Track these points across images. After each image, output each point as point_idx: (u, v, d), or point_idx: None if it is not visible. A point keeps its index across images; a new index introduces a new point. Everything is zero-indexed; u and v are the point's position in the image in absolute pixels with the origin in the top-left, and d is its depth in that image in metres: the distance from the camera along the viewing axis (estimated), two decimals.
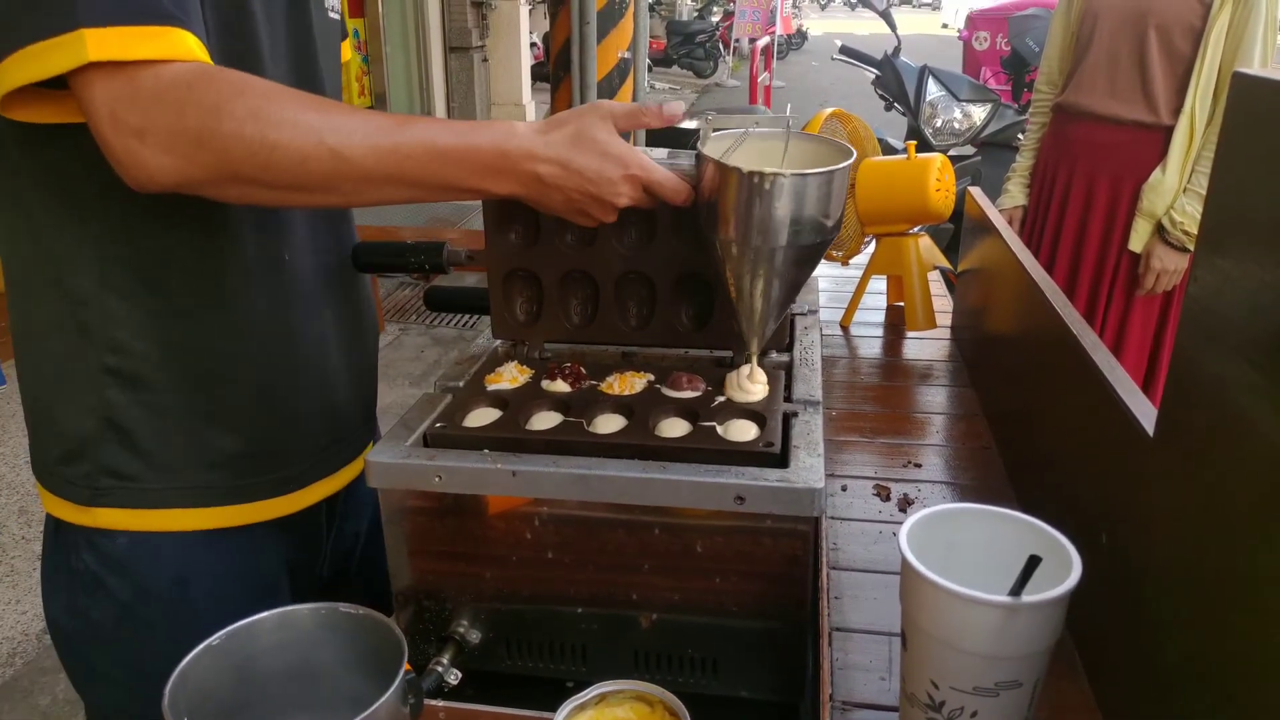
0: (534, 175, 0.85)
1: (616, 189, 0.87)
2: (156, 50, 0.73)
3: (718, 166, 0.86)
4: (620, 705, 0.70)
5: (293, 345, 1.00)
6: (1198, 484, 0.65)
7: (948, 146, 4.75)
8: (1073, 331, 0.98)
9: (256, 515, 1.01)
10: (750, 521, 0.82)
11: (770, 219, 0.85)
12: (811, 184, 0.85)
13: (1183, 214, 2.20)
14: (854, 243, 1.76)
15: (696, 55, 14.69)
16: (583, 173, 0.85)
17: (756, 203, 0.85)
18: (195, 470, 0.97)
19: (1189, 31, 2.17)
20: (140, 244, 0.90)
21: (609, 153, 0.86)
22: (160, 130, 0.75)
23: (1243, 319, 0.60)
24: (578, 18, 4.18)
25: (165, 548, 0.97)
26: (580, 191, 0.86)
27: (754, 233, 0.86)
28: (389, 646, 0.69)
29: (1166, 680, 0.69)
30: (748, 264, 0.89)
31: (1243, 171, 0.61)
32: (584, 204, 0.87)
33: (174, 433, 0.95)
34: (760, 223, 0.86)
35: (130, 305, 0.90)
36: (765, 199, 0.84)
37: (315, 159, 0.78)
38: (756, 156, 0.92)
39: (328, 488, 1.09)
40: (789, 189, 0.84)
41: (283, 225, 0.98)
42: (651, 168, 0.87)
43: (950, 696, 0.68)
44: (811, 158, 0.93)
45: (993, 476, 1.24)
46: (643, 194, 0.89)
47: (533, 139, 0.84)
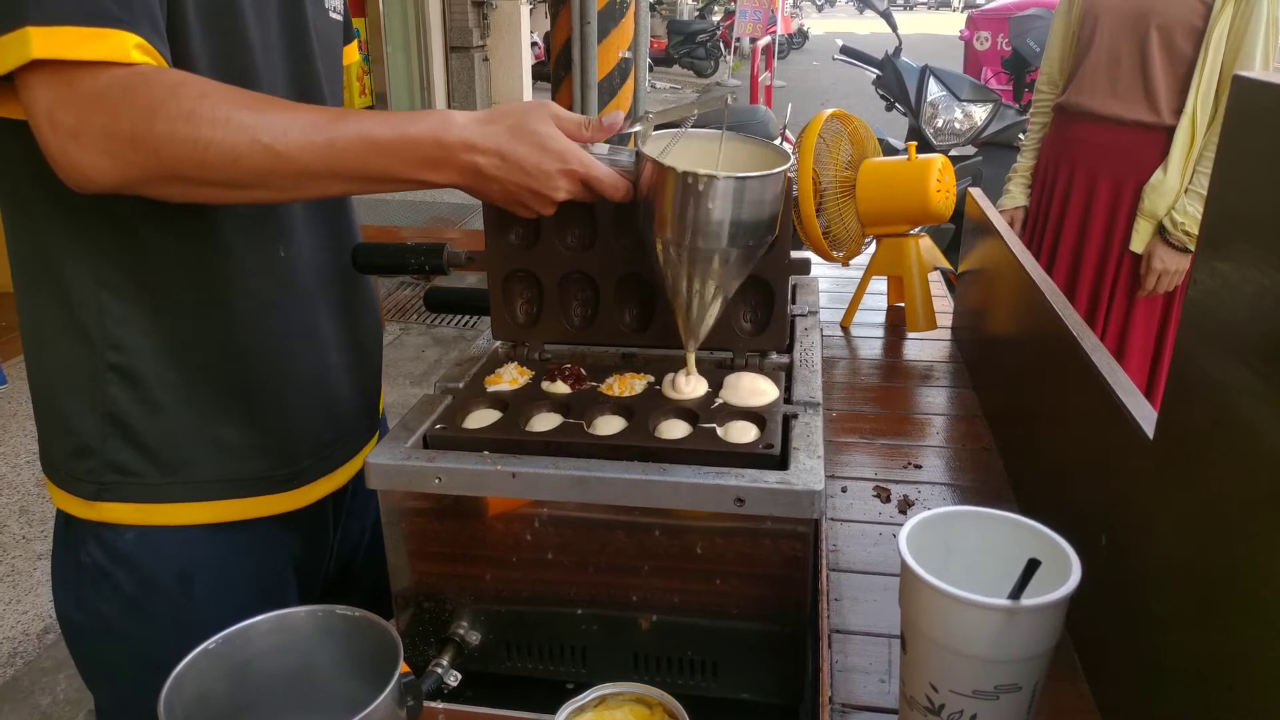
0: (472, 166, 0.85)
1: (554, 183, 0.87)
2: (98, 51, 0.74)
3: (655, 165, 0.86)
4: (620, 707, 0.70)
5: (291, 342, 1.01)
6: (1197, 486, 0.65)
7: (949, 147, 4.74)
8: (1073, 333, 0.97)
9: (258, 510, 1.02)
10: (750, 523, 0.82)
11: (704, 220, 0.85)
12: (746, 187, 0.85)
13: (1184, 215, 2.19)
14: (854, 243, 1.75)
15: (697, 55, 14.69)
16: (521, 165, 0.85)
17: (691, 203, 0.85)
18: (197, 466, 0.97)
19: (1190, 32, 2.17)
20: (134, 241, 0.90)
21: (548, 147, 0.86)
22: (94, 132, 0.75)
23: (1242, 322, 0.60)
24: (578, 17, 4.18)
25: (170, 542, 0.98)
26: (518, 184, 0.86)
27: (688, 233, 0.86)
28: (385, 649, 0.68)
29: (1166, 683, 0.69)
30: (682, 264, 0.90)
31: (1242, 174, 0.61)
32: (522, 196, 0.88)
33: (175, 429, 0.96)
34: (694, 223, 0.86)
35: (127, 302, 0.91)
36: (699, 200, 0.84)
37: (249, 156, 0.79)
38: (695, 157, 0.92)
39: (330, 484, 1.10)
40: (723, 191, 0.84)
41: (279, 222, 0.98)
42: (590, 164, 0.87)
43: (950, 699, 0.68)
44: (748, 161, 0.93)
45: (993, 478, 1.24)
46: (581, 189, 0.89)
47: (472, 129, 0.84)
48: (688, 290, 0.92)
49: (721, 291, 0.93)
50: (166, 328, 0.93)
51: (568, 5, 4.21)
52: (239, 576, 1.02)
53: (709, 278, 0.90)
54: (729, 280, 0.92)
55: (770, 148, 0.94)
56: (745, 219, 0.86)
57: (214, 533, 1.00)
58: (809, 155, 1.63)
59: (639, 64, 4.49)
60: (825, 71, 14.85)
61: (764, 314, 1.05)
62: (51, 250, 0.91)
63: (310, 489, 1.07)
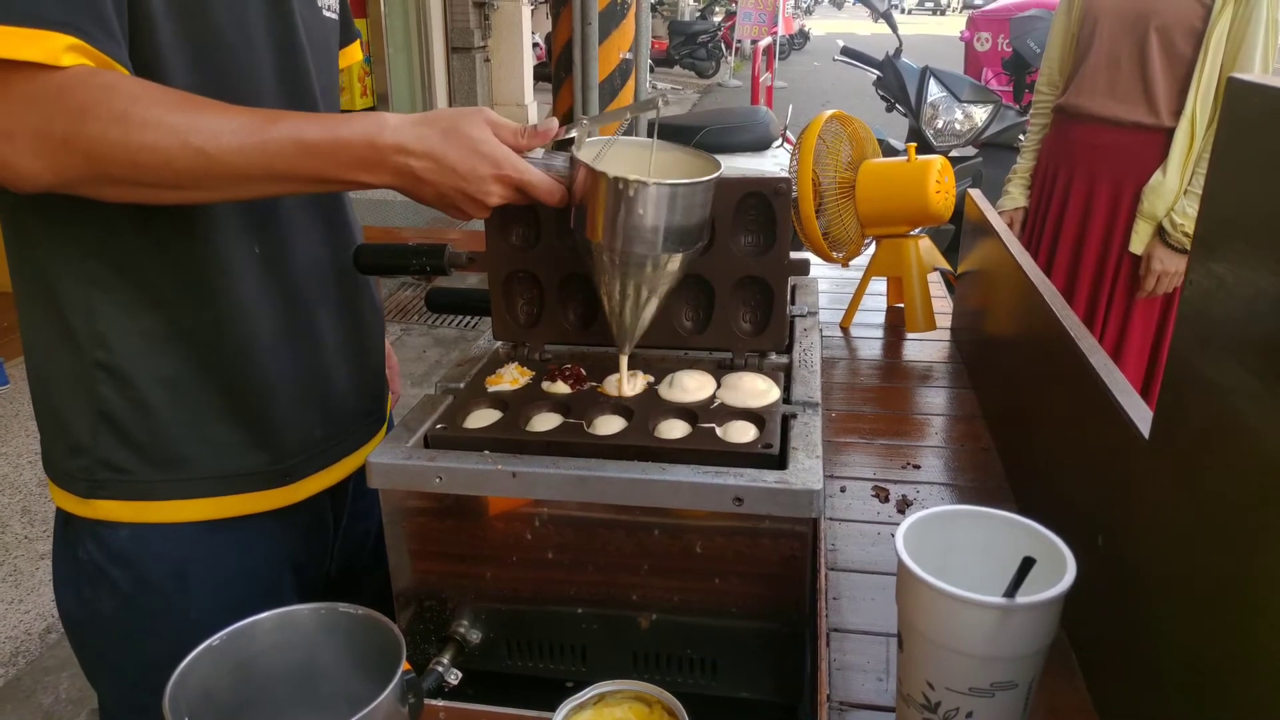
0: (405, 168, 0.85)
1: (486, 187, 0.87)
2: (27, 52, 0.74)
3: (588, 171, 0.87)
4: (619, 705, 0.71)
5: (279, 340, 1.01)
6: (1193, 487, 0.66)
7: (949, 148, 4.75)
8: (1071, 334, 0.98)
9: (250, 507, 1.02)
10: (749, 523, 0.82)
11: (636, 225, 0.87)
12: (677, 193, 0.87)
13: (1183, 216, 2.20)
14: (854, 244, 1.76)
15: (698, 55, 14.70)
16: (455, 169, 0.86)
17: (623, 208, 0.86)
18: (187, 463, 0.98)
19: (1190, 33, 2.17)
20: (119, 240, 0.91)
21: (481, 151, 0.86)
22: (27, 133, 0.76)
23: (1238, 323, 0.60)
24: (580, 18, 4.19)
25: (164, 540, 0.98)
26: (451, 187, 0.87)
27: (620, 237, 0.88)
28: (388, 646, 0.69)
29: (1162, 681, 0.70)
30: (615, 268, 0.90)
31: (1238, 176, 0.62)
32: (455, 199, 0.88)
33: (164, 426, 0.96)
34: (626, 228, 0.87)
35: (114, 301, 0.92)
36: (631, 205, 0.86)
37: (181, 159, 0.79)
38: (627, 163, 0.92)
39: (324, 481, 1.09)
40: (654, 197, 0.86)
41: (265, 220, 0.98)
42: (524, 169, 0.88)
43: (946, 697, 0.68)
44: (679, 168, 0.95)
45: (991, 478, 1.24)
46: (515, 194, 0.89)
47: (405, 132, 0.85)
48: (620, 293, 0.93)
49: (654, 295, 0.94)
50: (154, 326, 0.94)
51: (569, 6, 4.22)
52: (235, 574, 1.02)
53: (641, 281, 0.91)
54: (660, 284, 0.93)
55: (702, 157, 0.95)
56: (676, 225, 0.88)
57: (208, 530, 1.00)
58: (809, 156, 1.64)
59: (640, 65, 4.49)
60: (826, 72, 14.85)
61: (763, 315, 1.06)
62: (40, 250, 0.92)
63: (303, 485, 1.06)
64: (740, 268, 1.04)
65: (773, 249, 1.03)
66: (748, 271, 1.04)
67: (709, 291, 1.05)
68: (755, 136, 4.94)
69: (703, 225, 0.92)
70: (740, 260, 1.04)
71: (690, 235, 0.91)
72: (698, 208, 0.90)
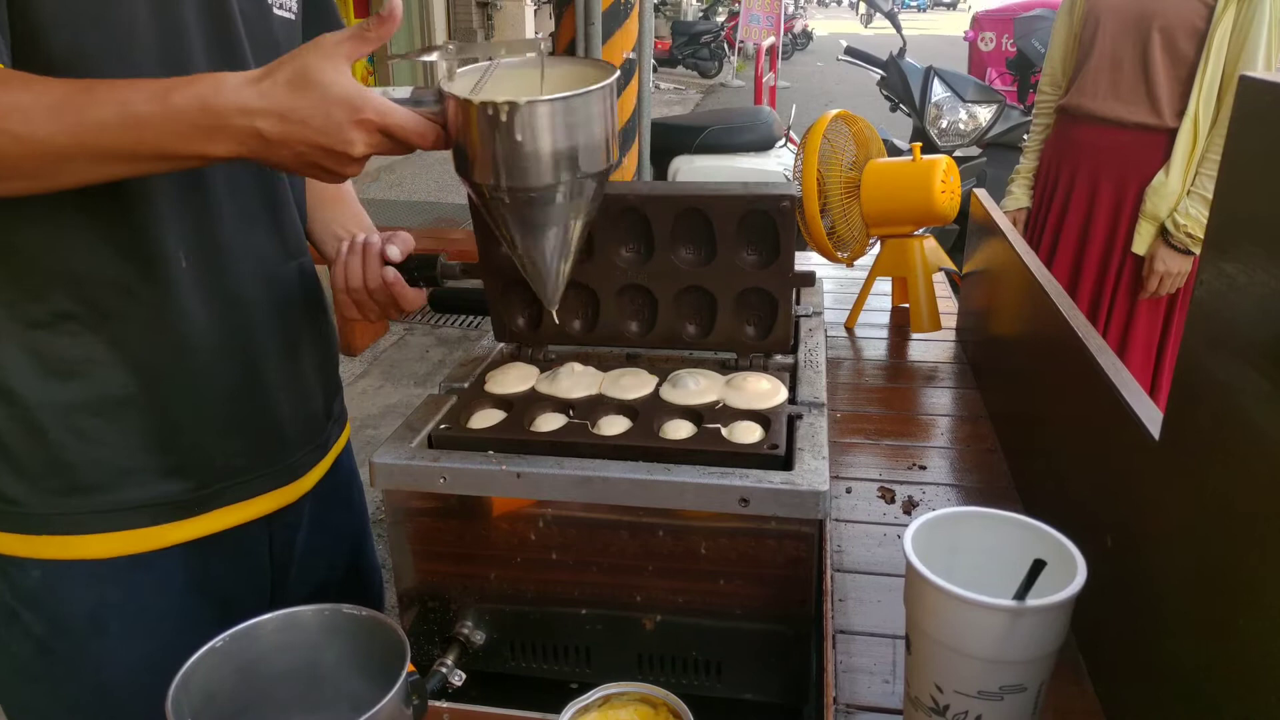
0: (252, 131, 0.74)
1: (347, 136, 0.75)
2: None
3: (456, 103, 0.76)
4: (624, 707, 0.70)
5: (187, 359, 0.91)
6: (1203, 488, 0.65)
7: (953, 147, 4.74)
8: (1078, 334, 0.97)
9: (167, 539, 0.93)
10: (754, 524, 0.82)
11: (517, 155, 0.75)
12: (558, 110, 0.75)
13: (1186, 217, 2.19)
14: (859, 244, 1.75)
15: (701, 55, 14.69)
16: (307, 122, 0.74)
17: (498, 138, 0.75)
18: (90, 493, 0.89)
19: (1192, 33, 2.16)
20: (8, 254, 0.83)
21: (333, 95, 0.74)
22: None
23: (1249, 324, 0.60)
24: (583, 18, 4.18)
25: (78, 579, 0.90)
26: (308, 144, 0.75)
27: (504, 173, 0.76)
28: (392, 648, 0.69)
29: (1172, 684, 0.69)
30: (510, 210, 0.80)
31: (1249, 176, 0.61)
32: (316, 158, 0.77)
33: (59, 453, 0.87)
34: (508, 161, 0.76)
35: (1, 318, 0.84)
36: (507, 133, 0.74)
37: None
38: (511, 88, 0.82)
39: (250, 510, 1.00)
40: (529, 118, 0.74)
41: (197, 226, 0.89)
42: (388, 109, 0.76)
43: (955, 700, 0.68)
44: (574, 83, 0.81)
45: (997, 479, 1.24)
46: (382, 140, 0.77)
47: (244, 90, 0.73)
48: (525, 239, 0.83)
49: (568, 234, 0.83)
50: (47, 345, 0.85)
51: (572, 6, 4.21)
52: (157, 612, 0.94)
53: (547, 221, 0.81)
54: (572, 218, 0.82)
55: (597, 65, 0.83)
56: (568, 146, 0.76)
57: (127, 566, 0.91)
58: (814, 156, 1.63)
59: (643, 65, 4.49)
60: (830, 72, 14.85)
61: (767, 323, 1.05)
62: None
63: (224, 514, 0.97)
64: (744, 280, 1.03)
65: (777, 261, 1.01)
66: (751, 284, 1.02)
67: (712, 302, 1.04)
68: (759, 137, 4.93)
69: (606, 142, 0.80)
70: (744, 273, 1.03)
71: (591, 155, 0.78)
72: (593, 122, 0.77)
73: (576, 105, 0.76)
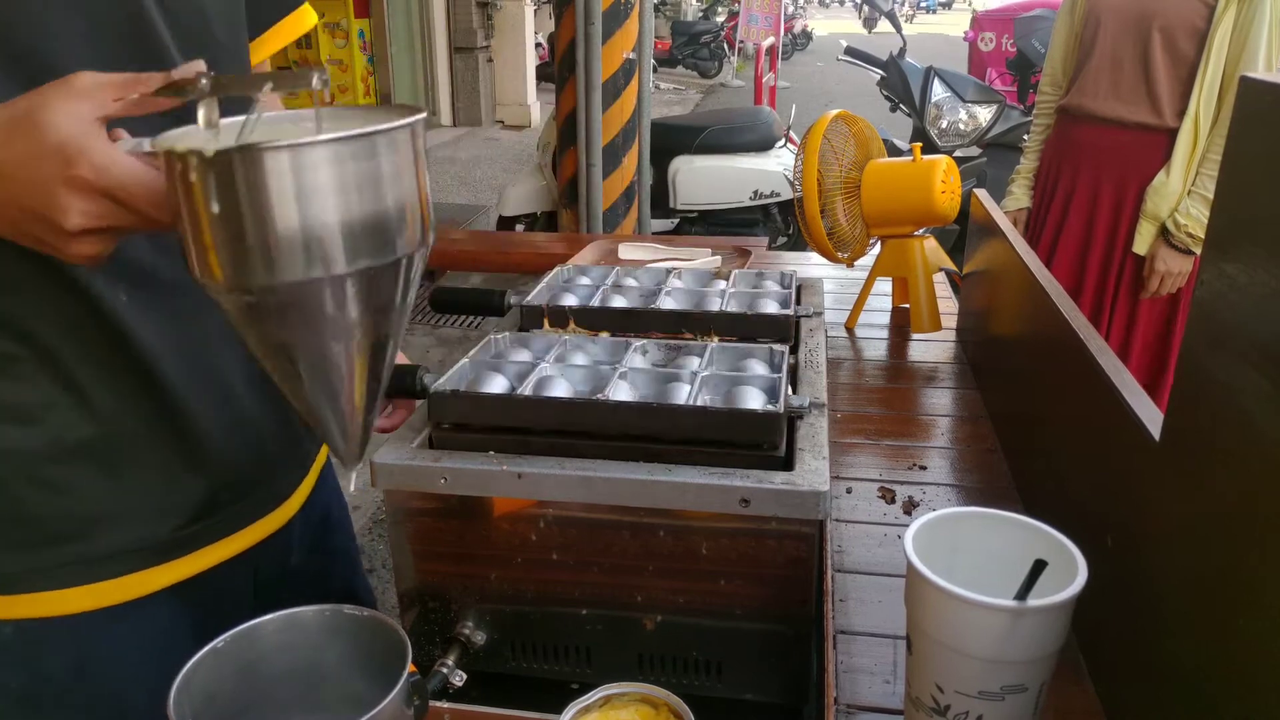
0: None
1: (58, 200, 0.58)
2: None
3: (165, 158, 0.53)
4: (625, 708, 0.70)
5: (150, 394, 0.82)
6: (1203, 489, 0.65)
7: (953, 148, 4.75)
8: (1079, 335, 0.97)
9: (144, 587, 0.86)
10: (755, 524, 0.82)
11: (229, 232, 0.51)
12: (309, 161, 0.51)
13: (1187, 216, 2.19)
14: (859, 245, 1.76)
15: (701, 56, 14.69)
16: (13, 176, 0.58)
17: (201, 204, 0.51)
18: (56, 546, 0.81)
19: (1193, 33, 2.16)
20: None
21: (47, 143, 0.57)
22: None
23: (1250, 324, 0.60)
24: (583, 18, 4.18)
25: (55, 634, 0.83)
26: (15, 205, 0.59)
27: (214, 263, 0.53)
28: (393, 648, 0.69)
29: (1172, 684, 0.69)
30: (242, 321, 0.57)
31: (1250, 176, 0.61)
32: (28, 226, 0.60)
33: (18, 505, 0.79)
34: (218, 242, 0.52)
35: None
36: (225, 196, 0.50)
37: None
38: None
39: (236, 545, 0.93)
40: (256, 173, 0.50)
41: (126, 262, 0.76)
42: (109, 165, 0.57)
43: (955, 700, 0.68)
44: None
45: (998, 479, 1.24)
46: (108, 208, 0.59)
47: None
48: (279, 371, 0.59)
49: (344, 366, 0.58)
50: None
51: (572, 6, 4.21)
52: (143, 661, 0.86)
53: (305, 343, 0.56)
54: (349, 340, 0.57)
55: (395, 111, 0.58)
56: (321, 222, 0.51)
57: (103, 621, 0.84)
58: (814, 156, 1.63)
59: (643, 65, 4.48)
60: (830, 72, 14.85)
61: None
62: None
63: (209, 551, 0.91)
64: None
65: None
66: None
67: None
68: (759, 137, 4.93)
69: (406, 213, 0.56)
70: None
71: (375, 234, 0.53)
72: (378, 182, 0.53)
73: (337, 155, 0.51)
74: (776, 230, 4.96)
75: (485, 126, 10.34)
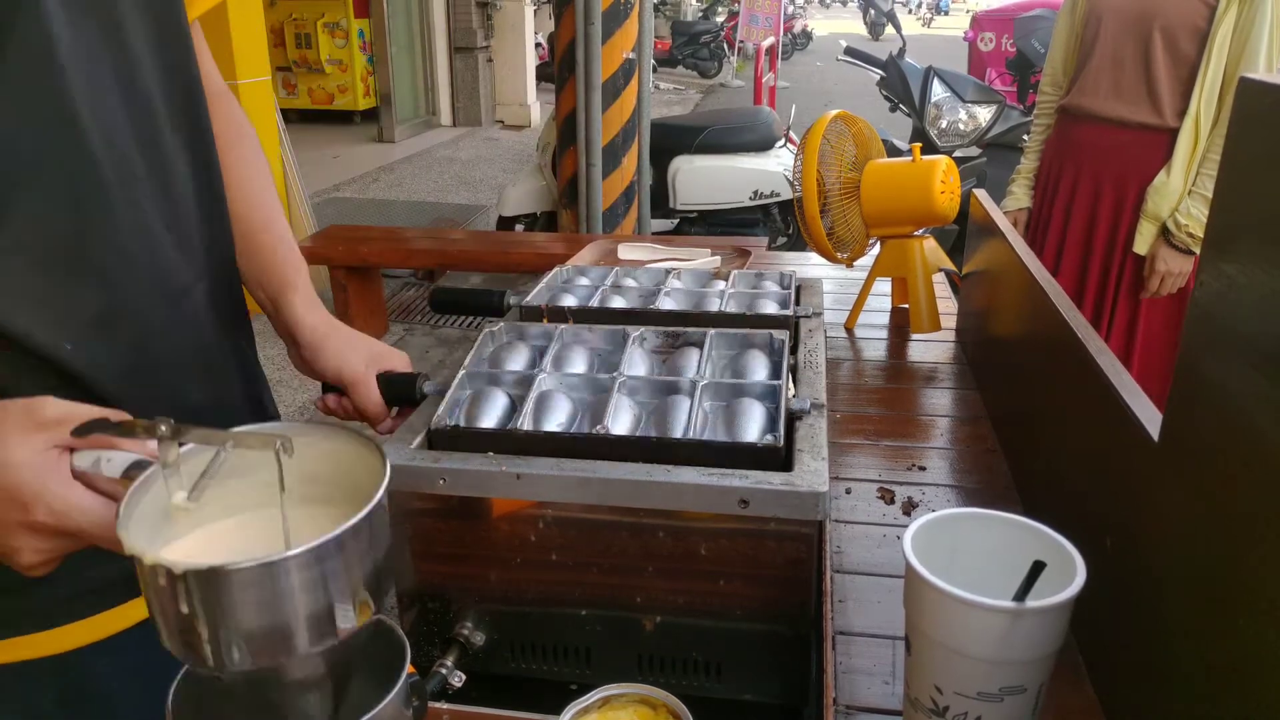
0: None
1: (12, 542, 0.58)
2: None
3: (135, 561, 0.54)
4: (624, 709, 0.70)
5: None
6: (1202, 489, 0.65)
7: (953, 148, 4.75)
8: (1077, 335, 0.97)
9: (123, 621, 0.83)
10: (754, 525, 0.82)
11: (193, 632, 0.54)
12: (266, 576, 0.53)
13: (1187, 216, 2.19)
14: (859, 245, 1.75)
15: (701, 55, 14.69)
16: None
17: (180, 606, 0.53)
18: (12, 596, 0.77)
19: (1194, 33, 2.17)
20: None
21: (3, 485, 0.57)
22: None
23: (1248, 325, 0.60)
24: (582, 18, 4.18)
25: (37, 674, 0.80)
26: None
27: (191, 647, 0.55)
28: (392, 649, 0.69)
29: (1171, 684, 0.69)
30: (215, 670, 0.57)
31: (1248, 177, 0.61)
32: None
33: None
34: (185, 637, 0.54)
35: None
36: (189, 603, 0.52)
37: None
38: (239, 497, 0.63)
39: None
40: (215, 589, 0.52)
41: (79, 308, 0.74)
42: (68, 510, 0.58)
43: (954, 701, 0.68)
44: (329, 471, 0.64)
45: (997, 480, 1.24)
46: (64, 543, 0.60)
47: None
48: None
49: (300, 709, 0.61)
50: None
51: (572, 6, 4.22)
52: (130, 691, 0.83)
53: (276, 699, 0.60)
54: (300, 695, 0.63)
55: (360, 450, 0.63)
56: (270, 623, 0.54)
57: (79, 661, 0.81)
58: (813, 156, 1.63)
59: (643, 65, 4.49)
60: (829, 72, 14.85)
61: None
62: None
63: None
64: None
65: None
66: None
67: None
68: (759, 137, 4.94)
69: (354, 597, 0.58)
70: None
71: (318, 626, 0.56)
72: (329, 581, 0.55)
73: (294, 566, 0.53)
74: (776, 230, 4.96)
75: (485, 126, 10.35)
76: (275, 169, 4.81)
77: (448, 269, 4.98)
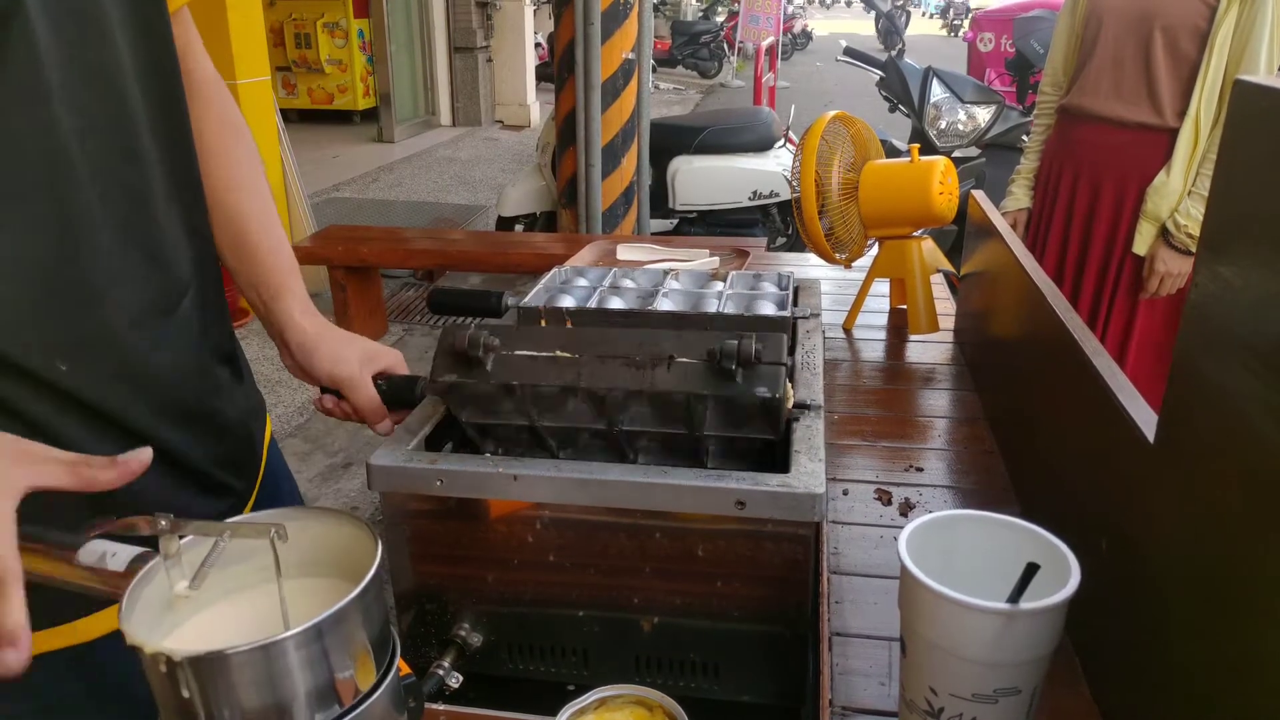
0: None
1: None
2: None
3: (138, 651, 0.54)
4: (620, 710, 0.70)
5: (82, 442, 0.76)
6: (1198, 491, 0.65)
7: (952, 148, 4.75)
8: (1074, 336, 0.97)
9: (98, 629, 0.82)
10: (751, 526, 0.82)
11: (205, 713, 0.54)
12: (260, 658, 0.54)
13: (1187, 217, 2.19)
14: (857, 246, 1.76)
15: (701, 56, 14.70)
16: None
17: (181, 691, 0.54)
18: None
19: (1194, 33, 2.17)
20: None
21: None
22: None
23: (1243, 326, 0.60)
24: (582, 18, 4.18)
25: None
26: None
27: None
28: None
29: (1167, 687, 0.69)
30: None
31: (1244, 178, 0.61)
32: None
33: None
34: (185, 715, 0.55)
35: None
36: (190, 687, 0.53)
37: None
38: (234, 579, 0.65)
39: None
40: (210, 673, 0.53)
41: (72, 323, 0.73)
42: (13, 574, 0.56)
43: (949, 703, 0.68)
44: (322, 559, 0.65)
45: (994, 481, 1.24)
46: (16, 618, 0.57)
47: None
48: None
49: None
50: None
51: (571, 6, 4.22)
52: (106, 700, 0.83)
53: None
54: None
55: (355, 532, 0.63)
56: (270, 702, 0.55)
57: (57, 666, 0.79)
58: (812, 157, 1.63)
59: (642, 65, 4.49)
60: (829, 73, 14.87)
61: None
62: None
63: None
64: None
65: None
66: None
67: None
68: (758, 137, 4.94)
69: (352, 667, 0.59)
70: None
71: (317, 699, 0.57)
72: (325, 657, 0.56)
73: (290, 646, 0.54)
74: (776, 231, 4.97)
75: (485, 126, 10.35)
76: (275, 169, 4.81)
77: (447, 269, 4.98)
